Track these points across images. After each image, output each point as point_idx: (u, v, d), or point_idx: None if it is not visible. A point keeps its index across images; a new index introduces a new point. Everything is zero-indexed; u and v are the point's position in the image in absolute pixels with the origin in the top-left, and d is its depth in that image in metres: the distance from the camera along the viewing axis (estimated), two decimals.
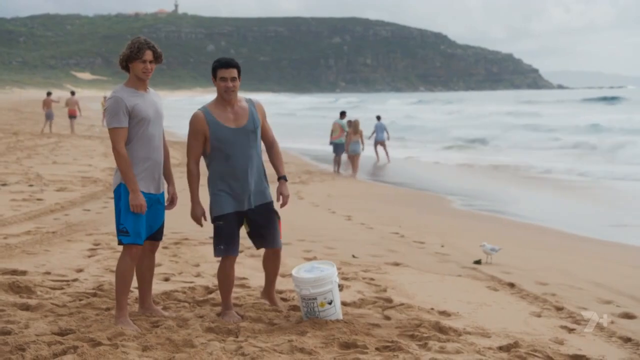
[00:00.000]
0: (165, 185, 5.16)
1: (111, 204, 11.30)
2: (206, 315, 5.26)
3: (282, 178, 5.33)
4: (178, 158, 18.10)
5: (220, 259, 5.21)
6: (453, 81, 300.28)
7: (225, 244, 5.12)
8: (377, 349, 4.60)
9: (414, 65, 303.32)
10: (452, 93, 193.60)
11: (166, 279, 6.51)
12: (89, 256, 7.26)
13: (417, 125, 30.10)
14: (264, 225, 5.25)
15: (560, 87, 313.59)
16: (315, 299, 5.11)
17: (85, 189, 12.97)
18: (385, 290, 6.37)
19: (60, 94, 54.53)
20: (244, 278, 6.52)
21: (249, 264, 7.24)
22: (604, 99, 69.47)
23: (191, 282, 6.29)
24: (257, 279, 6.50)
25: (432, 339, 4.84)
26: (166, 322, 4.89)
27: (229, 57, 5.17)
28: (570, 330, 5.46)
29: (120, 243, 4.91)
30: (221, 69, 5.10)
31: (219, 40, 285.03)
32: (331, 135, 20.32)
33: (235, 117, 5.13)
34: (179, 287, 6.13)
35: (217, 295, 5.83)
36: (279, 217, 5.34)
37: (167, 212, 5.21)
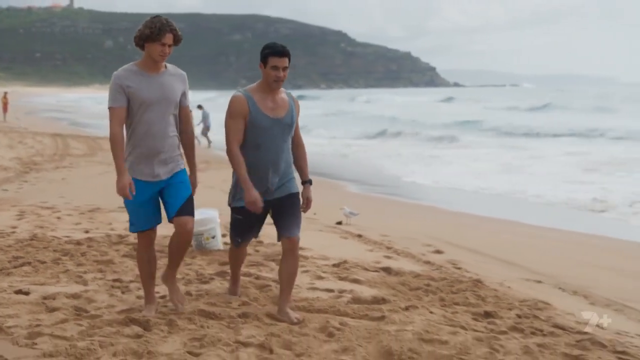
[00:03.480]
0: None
1: (27, 185, 12.75)
2: (120, 249, 7.01)
3: (307, 182, 5.14)
4: (81, 149, 19.52)
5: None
6: (353, 79, 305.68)
7: (242, 238, 5.31)
8: (246, 266, 6.52)
9: (314, 62, 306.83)
10: (351, 90, 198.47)
11: (86, 231, 8.16)
12: (19, 219, 8.77)
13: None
14: (283, 212, 5.04)
15: (456, 84, 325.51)
16: (202, 234, 7.00)
17: None
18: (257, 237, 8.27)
19: None
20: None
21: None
22: (449, 99, 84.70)
23: (107, 233, 8.00)
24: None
25: None
26: (92, 251, 6.63)
27: (281, 44, 4.79)
28: (389, 258, 7.55)
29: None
30: (274, 57, 4.74)
31: (117, 36, 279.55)
32: None
33: (274, 106, 4.87)
34: (98, 235, 7.82)
35: (132, 238, 7.55)
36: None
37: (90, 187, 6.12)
